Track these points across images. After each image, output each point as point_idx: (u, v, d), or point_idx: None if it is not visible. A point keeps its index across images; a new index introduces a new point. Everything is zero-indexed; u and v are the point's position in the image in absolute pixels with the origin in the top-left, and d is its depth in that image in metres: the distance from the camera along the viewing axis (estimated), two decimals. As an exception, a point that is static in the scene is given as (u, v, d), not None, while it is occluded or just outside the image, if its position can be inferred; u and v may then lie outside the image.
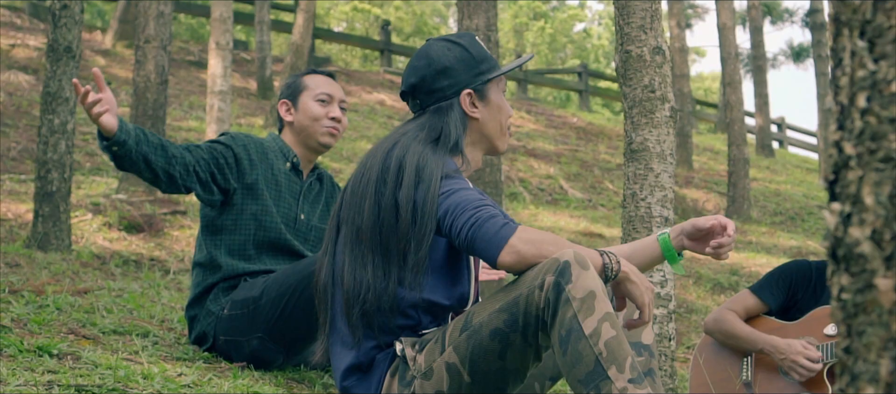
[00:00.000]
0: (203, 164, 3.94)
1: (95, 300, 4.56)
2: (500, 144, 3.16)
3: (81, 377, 3.02)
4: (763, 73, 21.52)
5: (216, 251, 4.03)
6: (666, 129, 3.84)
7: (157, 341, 3.96)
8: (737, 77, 15.40)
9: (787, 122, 28.44)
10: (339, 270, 2.96)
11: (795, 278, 4.26)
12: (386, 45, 21.48)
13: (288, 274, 3.84)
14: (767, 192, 17.08)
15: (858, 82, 1.01)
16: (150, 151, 3.75)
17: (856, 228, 0.99)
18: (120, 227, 8.15)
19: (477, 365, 2.77)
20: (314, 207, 4.25)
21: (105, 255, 7.32)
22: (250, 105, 15.59)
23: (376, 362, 2.92)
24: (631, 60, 3.89)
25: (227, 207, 4.05)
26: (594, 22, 44.21)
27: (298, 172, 4.22)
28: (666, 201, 3.82)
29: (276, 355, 3.88)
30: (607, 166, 16.39)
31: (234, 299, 3.92)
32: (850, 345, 1.02)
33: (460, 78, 3.06)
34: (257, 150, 4.11)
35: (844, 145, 1.02)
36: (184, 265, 7.52)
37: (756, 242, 13.05)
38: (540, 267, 2.71)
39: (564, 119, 20.90)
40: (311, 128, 4.20)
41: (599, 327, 2.60)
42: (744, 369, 4.17)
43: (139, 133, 3.73)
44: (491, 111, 3.10)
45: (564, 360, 2.63)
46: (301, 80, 4.28)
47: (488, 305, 2.78)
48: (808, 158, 26.25)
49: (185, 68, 17.25)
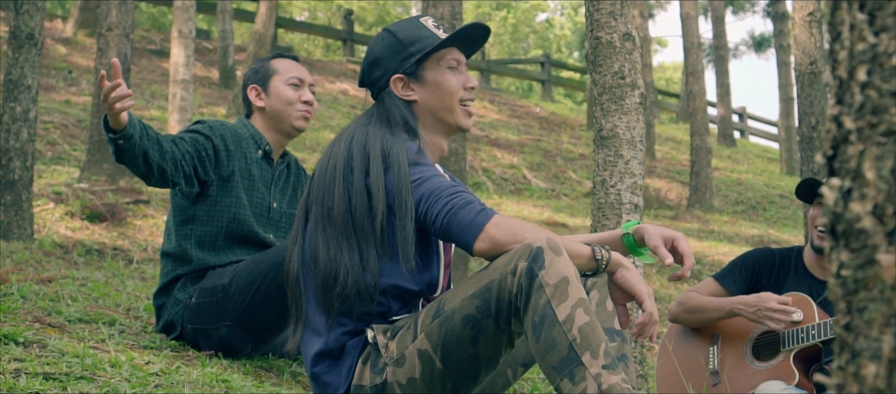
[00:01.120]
0: (188, 158, 3.89)
1: (60, 289, 4.50)
2: (452, 119, 3.07)
3: (48, 365, 2.98)
4: (725, 63, 21.60)
5: (187, 243, 3.98)
6: (636, 115, 3.83)
7: (124, 330, 3.92)
8: (699, 67, 15.46)
9: (748, 112, 28.57)
10: (311, 255, 2.93)
11: (758, 266, 4.26)
12: (348, 34, 21.40)
13: (257, 262, 3.81)
14: (729, 181, 17.16)
15: (858, 56, 1.00)
16: (149, 147, 3.70)
17: (856, 203, 0.98)
18: (82, 216, 8.07)
19: (449, 352, 2.75)
20: (284, 193, 4.22)
21: (68, 244, 7.24)
22: (212, 94, 15.49)
23: (347, 349, 2.89)
24: (601, 47, 3.87)
25: (202, 197, 4.00)
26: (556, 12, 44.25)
27: (270, 160, 4.18)
28: (636, 188, 3.82)
29: (244, 343, 3.85)
30: (570, 156, 16.40)
31: (202, 288, 3.88)
32: (850, 322, 1.01)
33: (389, 65, 3.05)
34: (233, 139, 4.07)
35: (844, 120, 1.01)
36: (147, 255, 7.46)
37: (718, 230, 13.11)
38: (512, 253, 2.69)
39: (527, 109, 20.90)
40: (285, 112, 4.16)
41: (573, 313, 2.59)
42: (710, 357, 4.18)
43: (143, 128, 3.68)
44: (429, 90, 3.05)
45: (538, 346, 2.61)
46: (269, 64, 4.23)
47: (460, 291, 2.76)
48: (769, 148, 26.39)
49: (146, 57, 17.11)
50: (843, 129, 1.01)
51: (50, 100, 12.43)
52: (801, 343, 3.97)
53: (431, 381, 2.79)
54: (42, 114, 11.20)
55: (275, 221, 4.15)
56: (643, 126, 3.85)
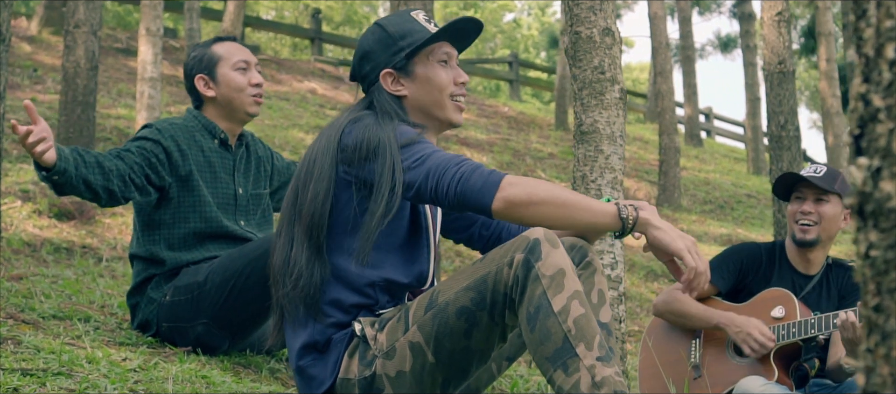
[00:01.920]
0: (137, 169, 3.81)
1: (32, 286, 4.45)
2: (442, 114, 3.01)
3: (25, 362, 2.94)
4: (692, 63, 21.66)
5: (155, 247, 3.91)
6: (616, 110, 3.82)
7: (99, 327, 3.88)
8: (668, 66, 15.49)
9: (714, 112, 28.69)
10: (281, 250, 2.90)
11: (746, 262, 4.25)
12: (316, 33, 21.31)
13: (233, 258, 3.76)
14: (697, 180, 17.22)
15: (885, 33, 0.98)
16: (88, 173, 3.61)
17: (886, 181, 0.96)
18: (50, 214, 7.98)
19: (442, 344, 2.72)
20: (247, 176, 4.14)
21: (36, 242, 7.15)
22: (180, 93, 15.38)
23: (333, 342, 2.85)
24: (580, 42, 3.86)
25: (164, 201, 3.93)
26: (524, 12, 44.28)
27: (227, 147, 4.11)
28: (616, 183, 3.80)
29: (221, 340, 3.80)
30: (539, 155, 16.41)
31: (177, 286, 3.83)
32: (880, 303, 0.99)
33: (379, 59, 2.99)
34: (185, 137, 3.98)
35: (872, 98, 0.99)
36: (116, 253, 7.38)
37: (687, 229, 13.14)
38: (509, 245, 2.67)
39: (496, 108, 20.90)
40: (238, 99, 4.06)
41: (569, 305, 2.57)
42: (692, 351, 4.17)
43: (77, 157, 3.59)
44: (420, 85, 3.00)
45: (532, 337, 2.59)
46: (212, 50, 4.10)
47: (454, 283, 2.73)
48: (735, 148, 26.51)
49: (112, 56, 16.97)
50: (871, 107, 0.99)
51: (15, 98, 12.30)
52: (782, 341, 3.97)
53: (422, 374, 2.75)
54: (8, 113, 11.08)
55: (243, 207, 4.08)
56: (623, 121, 3.84)
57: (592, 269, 2.84)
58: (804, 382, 4.02)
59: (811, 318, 3.94)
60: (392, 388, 2.77)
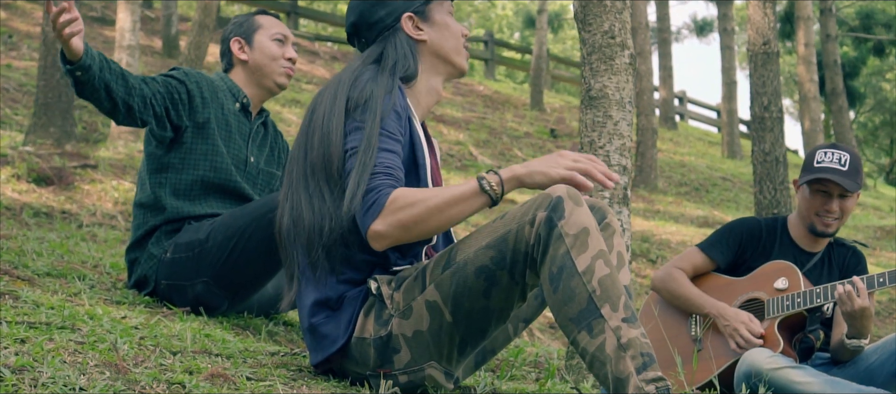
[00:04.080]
0: (159, 98, 3.79)
1: (23, 244, 4.36)
2: (458, 60, 3.03)
3: (26, 315, 2.86)
4: (668, 45, 21.65)
5: (161, 191, 3.86)
6: (625, 76, 3.76)
7: (94, 285, 3.80)
8: (646, 48, 15.45)
9: (687, 95, 28.71)
10: (297, 210, 2.82)
11: (745, 237, 4.21)
12: (292, 7, 21.13)
13: (236, 217, 3.69)
14: (672, 163, 17.24)
15: None
16: (111, 80, 3.59)
17: None
18: (29, 179, 7.87)
19: (460, 303, 2.65)
20: (262, 150, 4.12)
21: (15, 207, 7.05)
22: (156, 63, 15.23)
23: (347, 300, 2.77)
24: (591, 5, 3.79)
25: (176, 144, 3.89)
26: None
27: (247, 113, 4.08)
28: (624, 150, 3.75)
29: (220, 300, 3.73)
30: (515, 134, 16.37)
31: (178, 242, 3.76)
32: None
33: (397, 3, 2.97)
34: (209, 88, 3.96)
35: None
36: (96, 219, 7.28)
37: (664, 211, 13.15)
38: (530, 202, 2.61)
39: (471, 87, 20.84)
40: (269, 67, 4.08)
41: (593, 264, 2.51)
42: (693, 324, 4.13)
43: (102, 60, 3.57)
44: (438, 30, 3.00)
45: (555, 298, 2.53)
46: (254, 19, 4.14)
47: (474, 241, 2.66)
48: (708, 132, 26.57)
49: (88, 25, 16.76)
50: None
51: (-10, 63, 12.15)
52: (786, 311, 3.93)
53: (440, 333, 2.69)
54: (-18, 77, 10.95)
55: (252, 176, 4.04)
56: (632, 88, 3.78)
57: (611, 230, 2.79)
58: (809, 354, 3.98)
59: (816, 288, 3.90)
60: (408, 348, 2.71)
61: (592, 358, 2.48)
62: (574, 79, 25.42)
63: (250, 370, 2.71)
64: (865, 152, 34.28)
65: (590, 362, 2.49)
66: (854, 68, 26.98)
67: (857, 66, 27.31)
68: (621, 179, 3.74)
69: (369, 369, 2.75)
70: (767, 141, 9.06)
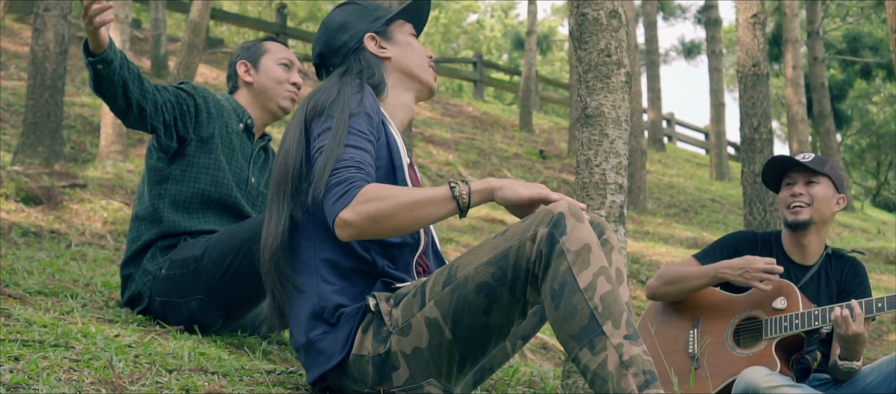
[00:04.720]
0: (169, 106, 3.84)
1: (13, 263, 4.32)
2: (425, 76, 3.11)
3: (19, 333, 2.83)
4: (656, 67, 21.68)
5: (160, 202, 3.86)
6: (621, 94, 3.75)
7: (86, 303, 3.76)
8: (635, 70, 15.51)
9: (675, 117, 28.76)
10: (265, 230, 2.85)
11: (740, 245, 4.19)
12: (281, 28, 21.13)
13: (233, 234, 3.68)
14: (661, 184, 17.25)
15: None
16: (130, 79, 3.65)
17: None
18: (17, 198, 7.83)
19: (460, 320, 2.63)
20: (262, 173, 4.16)
21: (3, 226, 7.01)
22: (144, 83, 15.22)
23: (345, 316, 2.75)
24: (586, 24, 3.78)
25: (179, 156, 3.92)
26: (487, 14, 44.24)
27: (250, 135, 4.11)
28: (620, 168, 3.73)
29: (215, 318, 3.71)
30: (504, 155, 16.37)
31: (173, 259, 3.74)
32: None
33: (358, 26, 3.08)
34: (215, 104, 4.02)
35: None
36: (85, 239, 7.24)
37: (653, 232, 13.15)
38: (531, 219, 2.59)
39: (460, 108, 20.85)
40: (274, 90, 4.14)
41: (595, 281, 2.49)
42: (690, 341, 4.10)
43: (123, 58, 3.62)
44: (401, 48, 3.10)
45: (556, 314, 2.51)
46: (262, 44, 4.24)
47: (474, 257, 2.65)
48: (696, 154, 26.61)
49: (76, 44, 16.75)
50: None
51: (-22, 83, 12.11)
52: (784, 333, 3.91)
53: (439, 351, 2.67)
54: (-29, 96, 10.91)
55: (252, 197, 4.06)
56: (628, 106, 3.77)
57: (610, 247, 2.78)
58: (806, 375, 3.96)
59: (814, 310, 3.88)
60: (407, 365, 2.68)
61: (594, 375, 2.46)
62: (563, 100, 25.45)
63: (247, 388, 2.69)
64: (852, 175, 34.35)
65: (591, 379, 2.47)
66: (841, 91, 27.06)
67: (845, 88, 27.39)
68: (618, 197, 3.72)
69: (368, 386, 2.73)
70: (757, 162, 9.06)
